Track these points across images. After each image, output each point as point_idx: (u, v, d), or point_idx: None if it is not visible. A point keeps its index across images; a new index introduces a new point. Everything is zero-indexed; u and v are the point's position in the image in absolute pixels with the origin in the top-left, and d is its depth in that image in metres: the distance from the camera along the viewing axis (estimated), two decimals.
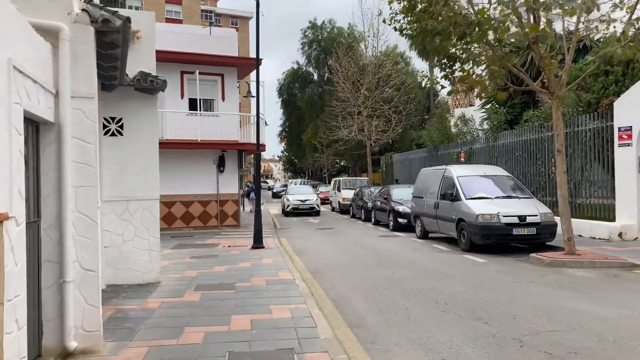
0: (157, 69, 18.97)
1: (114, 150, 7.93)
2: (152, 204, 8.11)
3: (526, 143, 16.49)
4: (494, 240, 11.63)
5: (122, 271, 7.93)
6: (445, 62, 11.59)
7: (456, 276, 9.04)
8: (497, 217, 11.60)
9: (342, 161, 55.54)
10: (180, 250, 12.63)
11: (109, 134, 7.94)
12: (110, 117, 7.95)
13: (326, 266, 10.47)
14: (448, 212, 13.09)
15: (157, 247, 8.15)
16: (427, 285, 8.25)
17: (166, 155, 18.74)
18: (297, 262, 10.88)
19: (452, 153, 22.26)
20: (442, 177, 13.94)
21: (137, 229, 8.02)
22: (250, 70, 20.95)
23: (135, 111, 8.07)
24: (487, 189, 12.85)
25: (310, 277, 9.04)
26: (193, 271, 9.34)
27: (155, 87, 7.77)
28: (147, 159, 8.13)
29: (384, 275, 9.24)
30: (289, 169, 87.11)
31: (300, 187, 29.73)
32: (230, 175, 19.72)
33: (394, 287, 8.21)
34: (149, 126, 8.14)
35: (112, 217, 7.87)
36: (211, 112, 19.64)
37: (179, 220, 19.07)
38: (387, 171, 33.16)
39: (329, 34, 48.50)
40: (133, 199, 8.01)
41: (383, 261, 10.96)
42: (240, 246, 13.30)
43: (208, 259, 10.88)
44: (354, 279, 8.95)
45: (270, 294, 7.31)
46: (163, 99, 18.98)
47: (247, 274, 8.99)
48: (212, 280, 8.37)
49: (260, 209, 13.01)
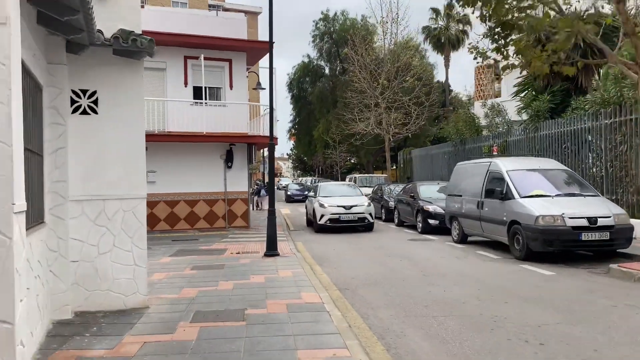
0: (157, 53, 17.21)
1: (85, 134, 6.01)
2: (136, 204, 6.17)
3: (577, 133, 14.39)
4: (558, 247, 9.59)
5: (96, 294, 5.99)
6: (498, 31, 9.58)
7: (531, 297, 7.01)
8: (561, 219, 9.55)
9: (352, 158, 53.54)
10: (181, 258, 10.70)
11: (79, 111, 6.01)
12: (81, 90, 6.02)
13: (356, 280, 8.50)
14: (496, 212, 11.05)
15: (143, 260, 6.21)
16: (499, 312, 6.24)
17: (168, 150, 16.92)
18: (319, 274, 8.90)
19: (483, 147, 20.16)
20: (487, 172, 11.89)
21: (117, 238, 6.08)
22: (261, 55, 18.97)
23: (114, 82, 6.13)
24: (544, 186, 10.79)
25: (340, 297, 7.05)
26: (193, 289, 7.39)
27: (140, 49, 5.83)
28: (131, 144, 6.19)
29: (435, 295, 7.24)
30: (298, 167, 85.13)
31: (338, 186, 19.29)
32: (239, 172, 17.77)
33: (456, 314, 6.20)
34: (133, 102, 6.21)
35: (83, 222, 5.94)
36: (218, 102, 17.69)
37: (182, 222, 17.18)
38: (406, 168, 31.09)
39: (341, 25, 46.52)
40: (112, 197, 6.07)
41: (425, 273, 8.95)
42: (251, 253, 11.35)
43: (212, 271, 8.94)
44: (397, 300, 6.96)
45: (295, 328, 5.33)
46: (164, 86, 17.13)
47: (260, 294, 7.02)
48: (216, 304, 6.42)
49: (274, 208, 11.05)
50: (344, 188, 18.54)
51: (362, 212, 15.91)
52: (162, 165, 16.80)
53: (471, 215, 12.21)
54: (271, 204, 10.99)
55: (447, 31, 40.65)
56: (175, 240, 14.34)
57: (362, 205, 16.14)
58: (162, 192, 16.85)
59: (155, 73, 17.11)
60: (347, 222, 15.79)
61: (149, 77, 17.21)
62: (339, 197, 16.71)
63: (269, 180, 11.15)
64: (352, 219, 15.80)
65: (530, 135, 16.86)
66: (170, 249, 12.23)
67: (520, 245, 10.10)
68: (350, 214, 15.78)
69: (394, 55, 27.33)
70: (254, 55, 18.55)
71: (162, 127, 16.57)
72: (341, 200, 16.32)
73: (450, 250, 11.90)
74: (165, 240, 14.31)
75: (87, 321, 5.57)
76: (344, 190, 17.90)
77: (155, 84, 17.16)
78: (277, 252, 10.72)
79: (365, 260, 10.51)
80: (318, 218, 16.03)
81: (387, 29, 27.54)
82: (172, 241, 14.07)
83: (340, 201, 16.18)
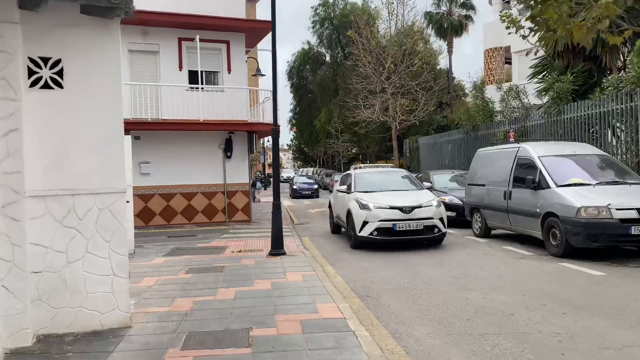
0: (149, 34, 15.90)
1: (48, 113, 4.82)
2: (114, 200, 4.99)
3: (607, 116, 13.18)
4: (603, 242, 8.42)
5: (65, 312, 4.83)
6: None
7: (590, 305, 5.86)
8: (607, 210, 8.38)
9: (354, 148, 52.30)
10: (176, 258, 9.55)
11: (40, 85, 4.81)
12: (41, 58, 4.82)
13: (376, 284, 7.35)
14: (527, 203, 9.89)
15: (123, 269, 5.04)
16: (560, 327, 5.09)
17: (163, 139, 15.72)
18: (333, 276, 7.76)
19: (498, 132, 18.93)
20: (515, 159, 10.70)
21: (91, 242, 4.91)
22: (260, 37, 17.70)
23: (84, 48, 4.92)
24: (582, 173, 9.61)
25: (362, 308, 5.91)
26: (187, 299, 6.23)
27: (114, 4, 4.61)
28: (106, 126, 5.00)
29: (474, 303, 6.09)
30: (298, 158, 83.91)
31: (383, 175, 12.67)
32: (239, 162, 16.58)
33: (509, 330, 5.05)
34: (108, 73, 5.00)
35: (46, 223, 4.76)
36: (215, 87, 16.45)
37: (179, 216, 16.02)
38: (412, 156, 29.86)
39: (342, 10, 45.06)
40: (83, 192, 4.89)
41: (454, 275, 7.80)
42: (254, 251, 10.20)
43: (211, 275, 7.78)
44: (431, 312, 5.81)
45: (314, 357, 4.17)
46: (158, 70, 15.90)
47: (268, 305, 5.86)
48: (214, 321, 5.26)
49: (280, 202, 9.87)
50: (394, 177, 12.30)
51: (429, 218, 10.11)
52: (157, 155, 15.64)
53: (496, 206, 11.04)
54: (276, 197, 9.81)
55: (450, 17, 39.30)
56: (171, 236, 13.20)
57: (429, 205, 10.29)
58: (156, 185, 15.70)
59: (147, 56, 15.90)
60: (407, 233, 10.02)
61: (140, 60, 16.05)
62: (389, 192, 10.95)
63: (274, 170, 9.96)
64: (415, 228, 9.99)
65: (552, 119, 15.63)
66: (164, 247, 11.08)
67: (558, 241, 8.94)
68: (412, 220, 9.99)
69: (401, 37, 26.00)
70: (254, 36, 17.27)
71: (156, 115, 15.38)
72: (394, 197, 10.56)
73: (474, 245, 10.74)
74: (160, 236, 13.17)
75: (49, 350, 4.41)
76: (394, 181, 11.87)
77: (147, 68, 15.94)
78: (284, 251, 9.56)
79: (381, 259, 9.35)
80: (358, 226, 10.18)
81: (393, 9, 26.19)
82: (167, 237, 12.94)
83: (393, 199, 10.42)
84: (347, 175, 12.68)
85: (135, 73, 15.64)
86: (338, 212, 12.45)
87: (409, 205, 10.17)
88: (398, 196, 10.72)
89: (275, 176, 10.03)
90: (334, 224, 13.22)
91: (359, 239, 10.34)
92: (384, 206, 10.19)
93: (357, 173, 12.26)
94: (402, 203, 10.24)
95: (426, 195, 10.99)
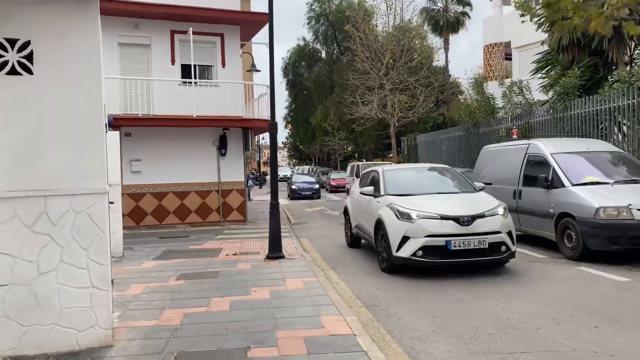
0: (140, 27, 15.14)
1: (15, 102, 4.21)
2: (93, 202, 4.39)
3: (617, 111, 12.66)
4: (624, 245, 7.89)
5: (36, 330, 4.23)
6: None
7: (622, 317, 5.32)
8: (628, 211, 7.86)
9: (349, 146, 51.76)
10: (167, 262, 8.95)
11: (5, 70, 4.20)
12: (7, 39, 4.21)
13: (383, 290, 6.80)
14: (539, 203, 9.36)
15: (104, 281, 4.44)
16: (596, 344, 4.54)
17: (155, 136, 15.08)
18: (336, 282, 7.19)
19: (500, 129, 18.43)
20: (525, 156, 10.17)
21: (67, 250, 4.31)
22: (256, 30, 17.07)
23: (58, 29, 4.31)
24: (597, 171, 9.08)
25: (371, 320, 5.35)
26: (177, 311, 5.64)
27: None
28: (85, 119, 4.40)
29: (494, 314, 5.54)
30: (293, 156, 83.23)
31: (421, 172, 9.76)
32: (234, 159, 15.97)
33: (538, 347, 4.50)
34: (86, 59, 4.39)
35: (14, 229, 4.16)
36: (209, 81, 15.84)
37: (171, 216, 15.40)
38: (410, 154, 29.32)
39: (337, 6, 44.50)
40: (57, 193, 4.29)
41: (466, 280, 7.24)
42: (251, 254, 9.61)
43: (204, 282, 7.18)
44: (449, 324, 5.24)
45: None
46: (149, 64, 15.26)
47: (267, 318, 5.27)
48: (207, 338, 4.67)
49: (278, 202, 9.28)
50: (434, 175, 9.53)
51: (496, 232, 7.36)
52: (148, 153, 15.01)
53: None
54: (274, 196, 9.22)
55: (446, 13, 38.82)
56: (162, 237, 12.60)
57: (494, 214, 7.54)
58: (148, 183, 15.08)
59: (138, 49, 15.27)
60: (465, 254, 7.24)
61: (131, 54, 15.38)
62: (433, 195, 8.23)
63: (272, 168, 9.37)
64: (478, 246, 7.23)
65: (558, 115, 15.11)
66: (155, 249, 10.47)
67: (574, 243, 8.42)
68: (473, 235, 7.24)
69: (400, 32, 25.43)
70: (249, 29, 16.65)
71: (147, 110, 14.75)
72: (443, 203, 7.85)
73: None
74: (152, 237, 12.56)
75: None
76: (436, 180, 9.20)
77: (138, 61, 15.31)
78: (282, 254, 8.98)
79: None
80: (395, 243, 7.44)
81: (391, 3, 25.63)
82: (159, 239, 12.33)
83: (442, 205, 7.68)
84: (370, 174, 10.00)
85: (126, 67, 15.02)
86: (360, 221, 9.58)
87: (467, 214, 7.31)
88: (447, 201, 7.96)
89: (273, 174, 9.43)
90: (352, 236, 10.37)
91: (397, 261, 7.41)
92: (433, 215, 7.32)
93: (386, 170, 9.39)
94: (458, 211, 7.37)
95: (486, 199, 8.10)
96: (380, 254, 8.10)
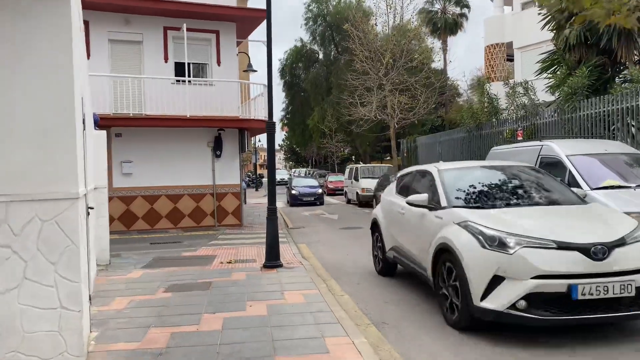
0: (132, 23, 14.46)
1: None
2: (63, 208, 3.77)
3: (630, 112, 12.12)
4: None
5: None
6: None
7: None
8: None
9: (346, 149, 51.21)
10: (156, 271, 8.31)
11: None
12: None
13: (392, 304, 6.20)
14: None
15: (76, 301, 3.82)
16: None
17: (146, 136, 14.43)
18: (339, 295, 6.59)
19: (504, 131, 17.88)
20: (538, 158, 9.59)
21: (31, 265, 3.69)
22: (253, 27, 16.48)
23: (17, 6, 3.70)
24: (617, 175, 8.51)
25: (381, 340, 4.76)
26: (163, 331, 5.01)
27: None
28: (52, 112, 3.78)
29: (521, 335, 4.94)
30: (290, 158, 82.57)
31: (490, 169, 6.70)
32: (229, 161, 15.34)
33: None
34: (54, 41, 3.78)
35: None
36: (204, 80, 15.22)
37: (164, 220, 14.75)
38: (410, 157, 28.77)
39: (335, 7, 44.00)
40: (19, 198, 3.67)
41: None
42: (247, 261, 8.99)
43: (194, 294, 6.55)
44: (466, 350, 4.64)
45: None
46: (141, 62, 14.64)
47: (264, 340, 4.65)
48: None
49: (275, 207, 8.66)
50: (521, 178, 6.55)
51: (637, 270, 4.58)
52: (140, 154, 14.37)
53: None
54: (271, 201, 8.60)
55: (444, 15, 38.40)
56: (153, 243, 11.97)
57: (636, 241, 4.78)
58: (139, 186, 14.44)
59: (129, 46, 14.65)
60: (598, 307, 4.51)
61: (122, 51, 14.71)
62: (527, 209, 5.62)
63: (269, 170, 8.76)
64: (619, 294, 4.47)
65: (566, 116, 14.57)
66: (145, 256, 9.83)
67: None
68: (610, 276, 4.51)
69: (400, 31, 24.89)
70: (246, 26, 16.05)
71: (139, 110, 14.14)
72: (552, 222, 5.16)
73: None
74: (142, 243, 11.92)
75: None
76: (523, 186, 6.34)
77: (130, 59, 14.69)
78: (280, 262, 8.36)
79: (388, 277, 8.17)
80: (480, 287, 4.73)
81: (391, 2, 25.08)
82: (150, 244, 11.70)
83: (553, 226, 4.97)
84: (415, 176, 7.32)
85: (117, 65, 14.41)
86: (402, 242, 6.98)
87: (599, 241, 4.64)
88: (556, 218, 5.34)
89: (270, 177, 8.82)
90: (386, 261, 7.67)
91: (482, 315, 4.77)
92: (544, 243, 4.65)
93: (444, 170, 6.56)
94: (584, 237, 4.71)
95: (614, 216, 5.53)
96: (446, 299, 5.30)
